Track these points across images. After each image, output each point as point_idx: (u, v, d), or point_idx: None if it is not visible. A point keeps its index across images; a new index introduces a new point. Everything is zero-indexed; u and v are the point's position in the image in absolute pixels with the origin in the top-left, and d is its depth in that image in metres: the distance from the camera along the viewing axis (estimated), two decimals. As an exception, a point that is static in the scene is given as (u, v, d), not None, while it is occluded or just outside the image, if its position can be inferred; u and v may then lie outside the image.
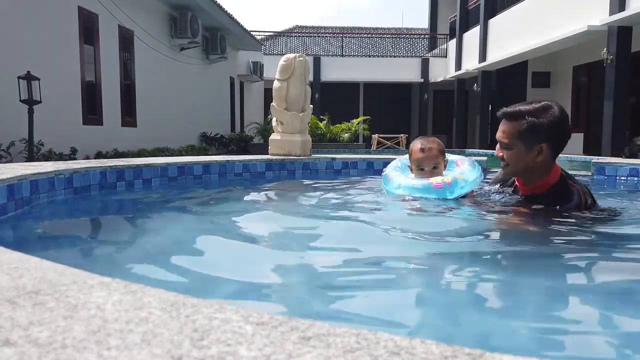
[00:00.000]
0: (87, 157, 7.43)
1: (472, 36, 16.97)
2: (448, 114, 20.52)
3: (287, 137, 4.64)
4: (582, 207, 2.07)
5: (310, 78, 10.79)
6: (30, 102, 5.98)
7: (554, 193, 2.11)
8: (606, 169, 4.08)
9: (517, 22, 13.88)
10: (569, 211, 2.05)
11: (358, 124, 15.15)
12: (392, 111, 21.72)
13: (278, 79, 4.61)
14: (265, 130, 13.86)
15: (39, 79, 6.05)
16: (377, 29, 26.03)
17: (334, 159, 4.53)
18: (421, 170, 2.51)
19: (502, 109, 2.12)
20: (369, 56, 21.18)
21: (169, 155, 8.73)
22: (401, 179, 2.54)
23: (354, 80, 20.82)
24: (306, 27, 25.39)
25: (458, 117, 18.58)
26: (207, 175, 3.86)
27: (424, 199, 2.39)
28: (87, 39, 8.07)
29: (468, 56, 17.35)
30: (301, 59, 4.60)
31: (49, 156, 6.49)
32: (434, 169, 2.50)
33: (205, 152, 11.71)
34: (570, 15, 11.18)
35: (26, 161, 5.94)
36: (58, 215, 2.50)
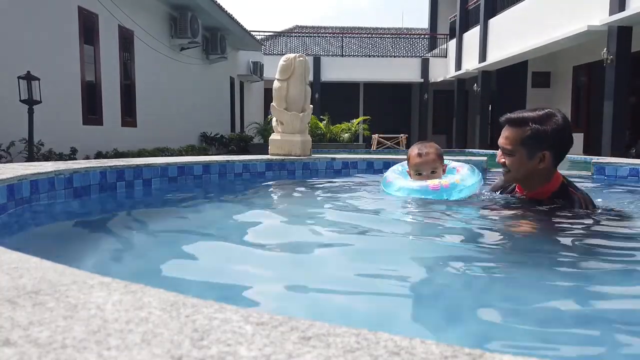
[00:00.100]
0: (87, 157, 7.44)
1: (472, 36, 16.97)
2: (448, 114, 20.52)
3: (287, 137, 4.64)
4: None
5: (310, 78, 10.79)
6: (30, 102, 5.98)
7: (554, 200, 2.12)
8: (606, 168, 4.08)
9: (517, 22, 13.87)
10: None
11: (358, 124, 15.14)
12: (392, 111, 21.71)
13: (278, 79, 4.60)
14: (265, 130, 13.85)
15: (39, 79, 6.05)
16: (377, 29, 26.03)
17: (334, 159, 4.53)
18: (419, 175, 2.54)
19: (506, 115, 2.12)
20: (369, 56, 21.18)
21: (169, 155, 8.73)
22: (400, 181, 2.57)
23: (354, 80, 20.82)
24: (306, 27, 25.38)
25: (458, 117, 18.57)
26: (207, 175, 3.86)
27: (424, 201, 2.39)
28: (87, 39, 8.07)
29: (468, 56, 17.35)
30: (301, 59, 4.60)
31: (49, 156, 6.49)
32: (432, 173, 2.52)
33: (205, 152, 11.71)
34: (570, 15, 11.18)
35: (26, 161, 5.95)
36: (58, 215, 2.50)
